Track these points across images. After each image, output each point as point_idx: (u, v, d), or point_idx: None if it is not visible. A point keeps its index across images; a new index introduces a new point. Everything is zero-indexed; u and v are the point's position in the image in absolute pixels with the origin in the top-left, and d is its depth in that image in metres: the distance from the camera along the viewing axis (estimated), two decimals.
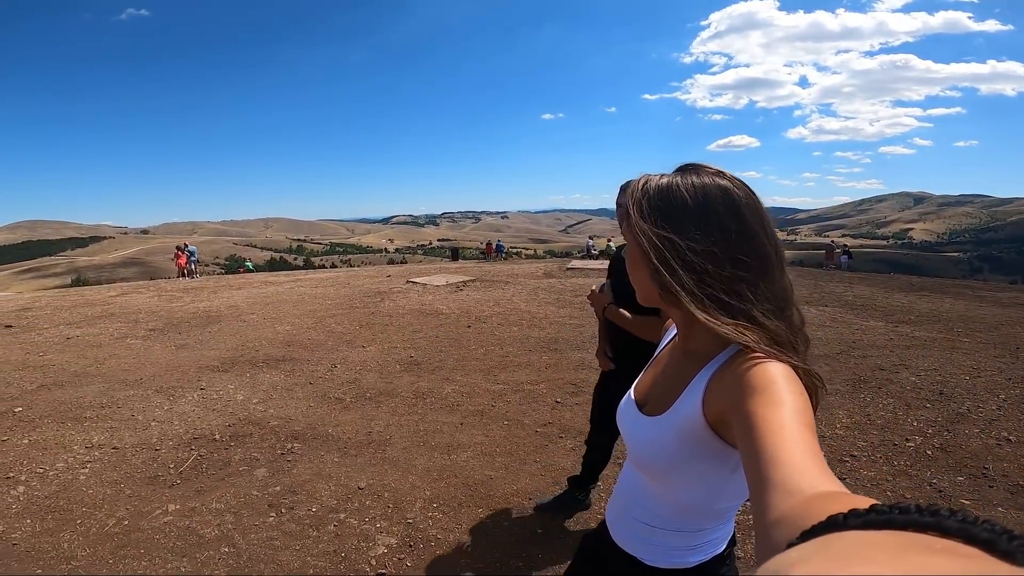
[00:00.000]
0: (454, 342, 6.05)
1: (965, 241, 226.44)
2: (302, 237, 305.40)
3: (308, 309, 8.20)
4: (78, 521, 2.56)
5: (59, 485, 2.90)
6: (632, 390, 0.96)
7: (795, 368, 0.66)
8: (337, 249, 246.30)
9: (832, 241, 28.51)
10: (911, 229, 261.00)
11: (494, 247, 25.31)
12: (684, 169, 0.77)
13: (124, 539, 2.41)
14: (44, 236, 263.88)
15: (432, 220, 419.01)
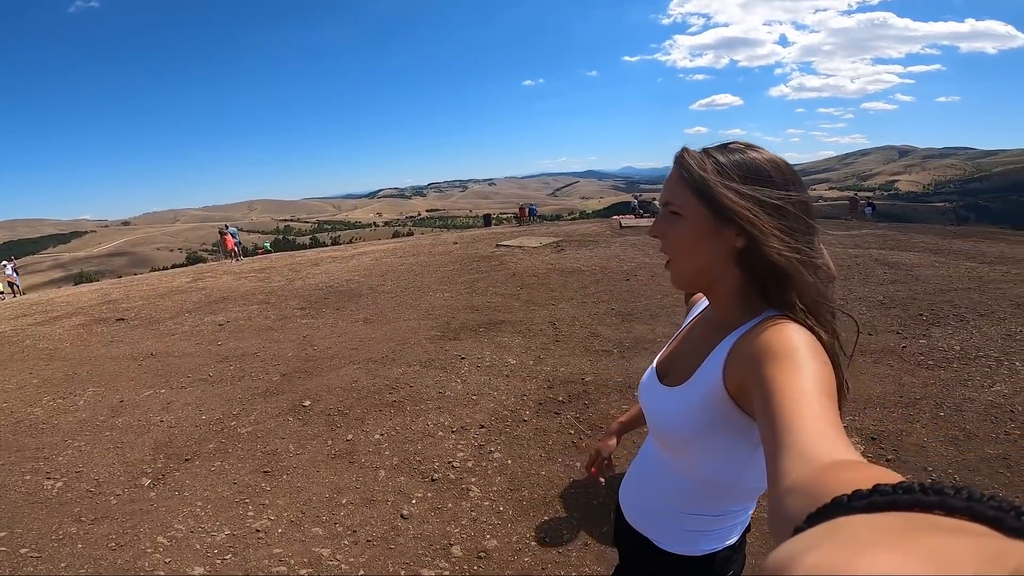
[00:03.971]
0: (638, 294, 6.14)
1: (950, 192, 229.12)
2: (288, 217, 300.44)
3: (438, 277, 8.08)
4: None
5: (533, 478, 2.74)
6: (654, 363, 0.93)
7: (819, 335, 0.66)
8: (325, 226, 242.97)
9: (855, 194, 28.91)
10: (897, 181, 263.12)
11: (527, 211, 25.20)
12: (731, 146, 0.76)
13: None
14: (24, 235, 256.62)
15: (419, 191, 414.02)
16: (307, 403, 3.74)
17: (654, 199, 27.89)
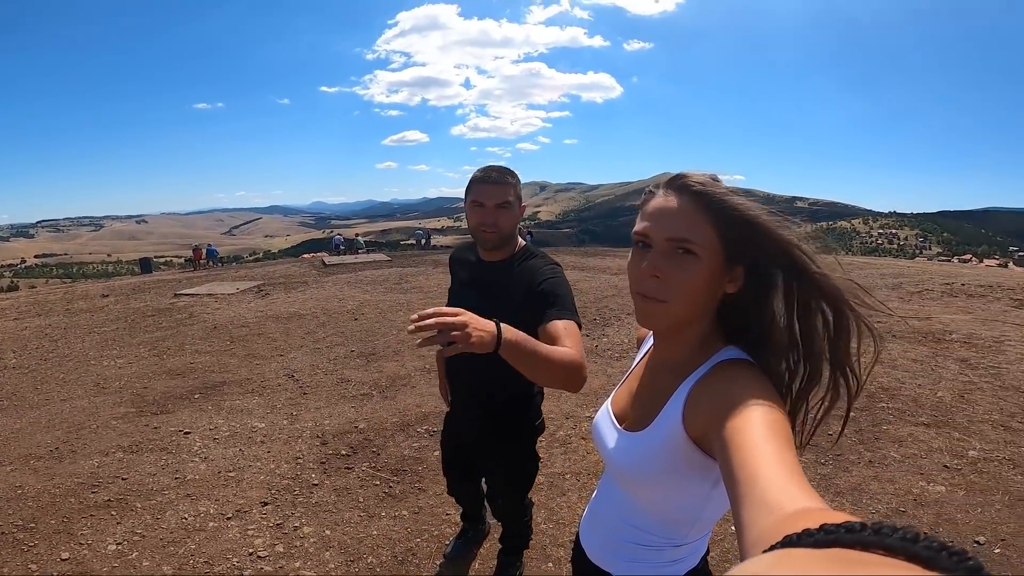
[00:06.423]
0: (374, 332, 5.95)
1: (572, 219, 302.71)
2: None
3: (97, 340, 6.05)
4: None
5: (366, 541, 2.37)
6: (609, 404, 0.94)
7: (779, 383, 0.70)
8: None
9: (520, 226, 34.93)
10: (539, 211, 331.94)
11: (204, 252, 21.47)
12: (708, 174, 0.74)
13: None
14: None
15: (22, 231, 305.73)
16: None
17: (357, 235, 27.47)
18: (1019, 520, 2.37)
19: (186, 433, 3.40)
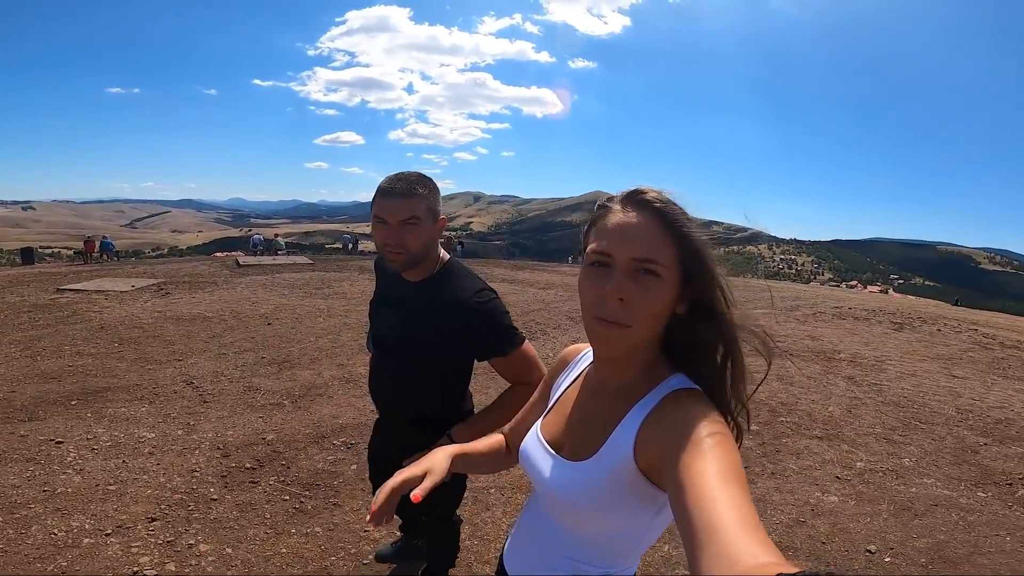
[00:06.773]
0: (288, 338, 5.58)
1: (504, 231, 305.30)
2: None
3: (19, 338, 5.23)
4: None
5: (274, 559, 2.07)
6: (538, 431, 0.88)
7: (726, 413, 0.69)
8: None
9: (451, 236, 34.85)
10: (472, 222, 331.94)
11: (97, 246, 19.39)
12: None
13: None
14: None
15: None
16: None
17: (278, 235, 25.89)
18: (904, 528, 2.57)
19: (58, 442, 3.00)
